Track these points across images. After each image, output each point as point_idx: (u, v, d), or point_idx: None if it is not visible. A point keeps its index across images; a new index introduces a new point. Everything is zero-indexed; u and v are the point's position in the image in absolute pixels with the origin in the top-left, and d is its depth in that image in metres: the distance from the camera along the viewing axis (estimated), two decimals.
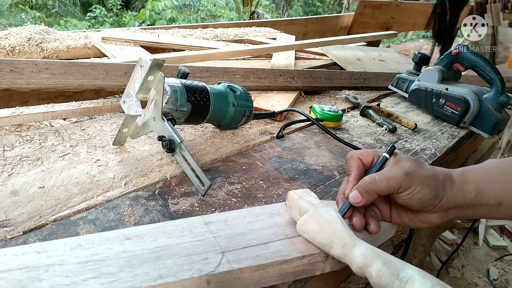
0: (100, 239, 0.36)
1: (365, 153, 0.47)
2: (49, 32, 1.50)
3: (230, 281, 0.35)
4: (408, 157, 0.44)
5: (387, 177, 0.42)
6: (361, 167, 0.46)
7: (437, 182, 0.42)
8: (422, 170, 0.43)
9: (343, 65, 1.52)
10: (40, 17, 7.23)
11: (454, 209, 0.43)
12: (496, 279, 1.47)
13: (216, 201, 0.53)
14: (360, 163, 0.46)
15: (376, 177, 0.42)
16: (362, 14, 3.77)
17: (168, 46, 1.56)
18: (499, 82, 0.92)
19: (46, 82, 0.78)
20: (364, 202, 0.43)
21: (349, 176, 0.46)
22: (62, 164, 0.58)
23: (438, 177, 0.43)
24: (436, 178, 0.42)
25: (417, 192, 0.41)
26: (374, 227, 0.43)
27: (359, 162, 0.46)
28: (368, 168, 0.46)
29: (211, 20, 8.67)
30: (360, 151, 0.47)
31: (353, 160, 0.46)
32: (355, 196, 0.43)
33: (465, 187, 0.43)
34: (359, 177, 0.45)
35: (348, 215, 0.44)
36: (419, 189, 0.41)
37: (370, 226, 0.43)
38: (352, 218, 0.44)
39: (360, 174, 0.46)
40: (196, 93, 0.63)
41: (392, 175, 0.42)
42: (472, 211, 0.43)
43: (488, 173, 0.43)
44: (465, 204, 0.43)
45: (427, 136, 0.89)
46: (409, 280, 0.32)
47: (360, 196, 0.42)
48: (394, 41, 9.08)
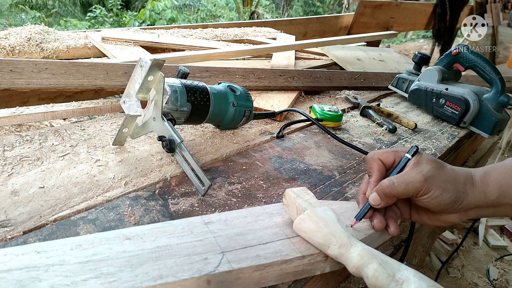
0: (100, 239, 0.36)
1: (385, 154, 0.46)
2: (49, 32, 1.50)
3: (230, 281, 0.35)
4: (429, 159, 0.43)
5: (406, 181, 0.42)
6: (382, 168, 0.46)
7: (457, 185, 0.42)
8: (442, 174, 0.42)
9: (343, 65, 1.52)
10: (40, 17, 7.23)
11: (474, 210, 0.43)
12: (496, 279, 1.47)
13: (216, 201, 0.53)
14: (381, 164, 0.46)
15: (394, 181, 0.42)
16: (362, 14, 3.77)
17: (168, 46, 1.56)
18: (499, 82, 0.92)
19: (46, 82, 0.78)
20: (384, 204, 0.43)
21: (370, 178, 0.46)
22: (62, 164, 0.58)
23: (458, 181, 0.42)
24: (456, 182, 0.42)
25: (436, 197, 0.41)
26: (394, 230, 0.43)
27: (380, 163, 0.46)
28: (389, 168, 0.46)
29: (211, 20, 8.67)
30: (380, 152, 0.47)
31: (374, 162, 0.46)
32: (375, 199, 0.43)
33: (487, 188, 0.42)
34: (380, 178, 0.45)
35: (368, 215, 0.44)
36: (438, 193, 0.41)
37: (390, 229, 0.44)
38: (373, 219, 0.44)
39: (381, 175, 0.46)
40: (196, 93, 0.63)
41: (411, 180, 0.42)
42: (493, 210, 0.43)
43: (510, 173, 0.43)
44: (487, 204, 0.43)
45: (427, 136, 0.89)
46: (404, 282, 0.32)
47: (379, 199, 0.43)
48: (394, 41, 9.08)
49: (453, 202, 0.42)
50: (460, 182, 0.42)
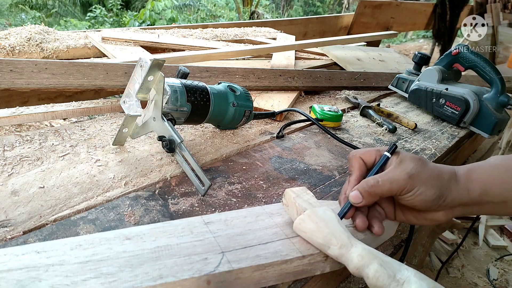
0: (100, 239, 0.36)
1: (367, 153, 0.46)
2: (49, 32, 1.50)
3: (230, 281, 0.35)
4: (411, 157, 0.43)
5: (390, 180, 0.41)
6: (362, 167, 0.46)
7: (442, 181, 0.42)
8: (426, 171, 0.42)
9: (343, 65, 1.52)
10: (40, 17, 7.23)
11: (459, 207, 0.43)
12: (496, 279, 1.47)
13: (216, 201, 0.53)
14: (362, 162, 0.46)
15: (378, 179, 0.42)
16: (362, 14, 3.78)
17: (168, 46, 1.56)
18: (499, 82, 0.92)
19: (46, 82, 0.78)
20: (365, 203, 0.42)
21: (350, 176, 0.46)
22: (62, 164, 0.58)
23: (442, 177, 0.42)
24: (440, 178, 0.42)
25: (420, 193, 0.41)
26: (378, 229, 0.43)
27: (361, 162, 0.46)
28: (371, 167, 0.46)
29: (211, 20, 8.67)
30: (362, 150, 0.47)
31: (355, 160, 0.46)
32: (355, 197, 0.42)
33: (470, 185, 0.42)
34: (361, 177, 0.45)
35: (349, 215, 0.43)
36: (423, 190, 0.41)
37: (374, 228, 0.43)
38: (355, 219, 0.43)
39: (362, 174, 0.45)
40: (196, 93, 0.63)
41: (395, 178, 0.41)
42: (477, 208, 0.43)
43: (493, 171, 0.43)
44: (471, 202, 0.42)
45: (427, 136, 0.89)
46: (405, 282, 0.32)
47: (360, 196, 0.42)
48: (394, 41, 9.07)
49: (437, 198, 0.41)
50: (444, 178, 0.42)
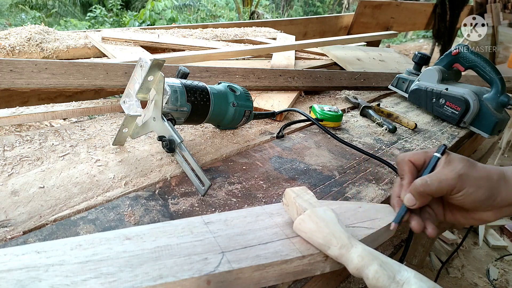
0: (100, 239, 0.36)
1: (416, 155, 0.47)
2: (49, 32, 1.50)
3: (230, 281, 0.35)
4: (460, 158, 0.44)
5: (439, 179, 0.42)
6: (413, 170, 0.46)
7: (491, 182, 0.42)
8: (475, 171, 0.42)
9: (343, 65, 1.52)
10: (40, 17, 7.23)
11: (509, 207, 0.43)
12: (496, 279, 1.47)
13: (216, 201, 0.53)
14: (412, 165, 0.46)
15: (427, 180, 0.42)
16: (362, 14, 3.77)
17: (168, 46, 1.56)
18: (499, 82, 0.92)
19: (46, 82, 0.78)
20: (419, 204, 0.43)
21: (402, 180, 0.46)
22: (62, 164, 0.58)
23: (491, 178, 0.43)
24: (489, 179, 0.42)
25: (470, 194, 0.41)
26: (431, 230, 0.44)
27: (411, 165, 0.46)
28: (420, 169, 0.47)
29: (211, 20, 8.66)
30: (410, 153, 0.47)
31: (405, 164, 0.47)
32: (410, 199, 0.43)
33: None
34: (413, 180, 0.45)
35: (406, 218, 0.44)
36: (473, 190, 0.41)
37: (428, 230, 0.44)
38: (411, 221, 0.44)
39: (413, 177, 0.46)
40: (196, 93, 0.63)
41: (444, 177, 0.42)
42: None
43: None
44: None
45: (427, 136, 0.89)
46: (405, 283, 0.32)
47: (414, 199, 0.43)
48: (394, 41, 9.07)
49: (487, 199, 0.42)
50: (493, 179, 0.42)
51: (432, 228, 0.44)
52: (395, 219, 0.44)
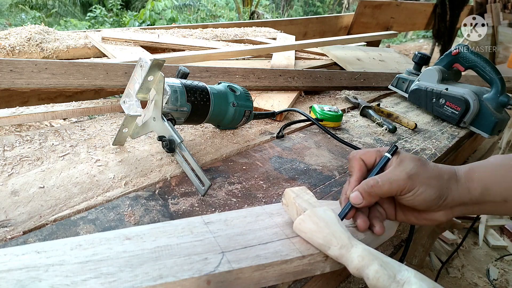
0: (100, 239, 0.36)
1: (367, 153, 0.46)
2: (49, 32, 1.50)
3: (230, 281, 0.34)
4: (411, 157, 0.44)
5: (390, 180, 0.41)
6: (363, 168, 0.46)
7: (441, 181, 0.42)
8: (426, 171, 0.42)
9: (343, 65, 1.52)
10: (40, 17, 7.23)
11: (460, 207, 0.43)
12: (496, 279, 1.47)
13: (216, 201, 0.53)
14: (362, 163, 0.46)
15: (378, 180, 0.42)
16: (362, 14, 3.78)
17: (168, 46, 1.56)
18: (499, 82, 0.92)
19: (46, 82, 0.78)
20: (366, 203, 0.42)
21: (350, 177, 0.46)
22: (62, 164, 0.58)
23: (442, 177, 0.42)
24: (440, 178, 0.42)
25: (420, 193, 0.41)
26: (379, 229, 0.43)
27: (361, 162, 0.46)
28: (371, 168, 0.46)
29: (211, 20, 8.66)
30: (362, 151, 0.47)
31: (355, 161, 0.46)
32: (356, 197, 0.42)
33: (470, 184, 0.42)
34: (361, 178, 0.45)
35: (350, 215, 0.43)
36: (422, 190, 0.41)
37: (375, 228, 0.43)
38: (356, 219, 0.43)
39: (362, 175, 0.45)
40: (196, 93, 0.63)
41: (395, 178, 0.41)
42: (478, 208, 0.43)
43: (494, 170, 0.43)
44: (471, 201, 0.42)
45: (427, 136, 0.89)
46: (405, 283, 0.32)
47: (361, 197, 0.42)
48: (394, 41, 9.07)
49: (437, 198, 0.41)
50: (444, 178, 0.42)
51: (379, 226, 0.43)
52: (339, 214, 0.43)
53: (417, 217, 0.45)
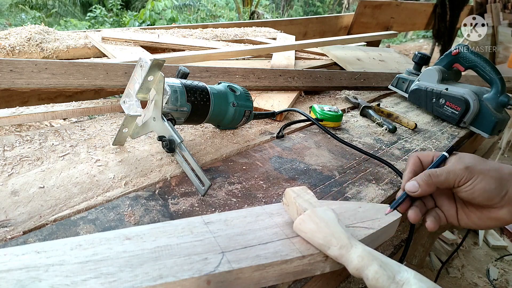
0: (100, 239, 0.36)
1: (425, 153, 0.48)
2: (49, 32, 1.50)
3: (230, 281, 0.35)
4: (471, 154, 0.45)
5: (447, 170, 0.42)
6: (418, 164, 0.47)
7: (502, 174, 0.42)
8: (484, 163, 0.43)
9: (343, 65, 1.52)
10: (40, 17, 7.23)
11: None
12: (496, 279, 1.47)
13: (216, 201, 0.53)
14: (418, 161, 0.47)
15: (436, 170, 0.43)
16: (362, 14, 3.77)
17: (168, 46, 1.56)
18: (499, 82, 0.92)
19: (46, 82, 0.78)
20: (421, 192, 0.43)
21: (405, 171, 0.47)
22: (62, 164, 0.58)
23: (502, 170, 0.42)
24: (500, 171, 0.42)
25: (478, 182, 0.41)
26: (430, 223, 0.44)
27: (417, 160, 0.48)
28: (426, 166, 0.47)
29: (211, 20, 8.66)
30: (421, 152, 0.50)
31: (412, 158, 0.48)
32: (411, 186, 0.43)
33: None
34: (415, 172, 0.46)
35: (404, 208, 0.44)
36: (481, 179, 0.41)
37: (427, 223, 0.44)
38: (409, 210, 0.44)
39: (416, 169, 0.47)
40: (196, 93, 0.63)
41: (452, 169, 0.42)
42: None
43: None
44: None
45: (427, 136, 0.89)
46: (405, 284, 0.32)
47: (417, 185, 0.43)
48: (394, 41, 9.07)
49: (497, 188, 0.41)
50: (504, 172, 0.42)
51: (431, 221, 0.44)
52: (392, 204, 0.44)
53: (481, 217, 0.44)
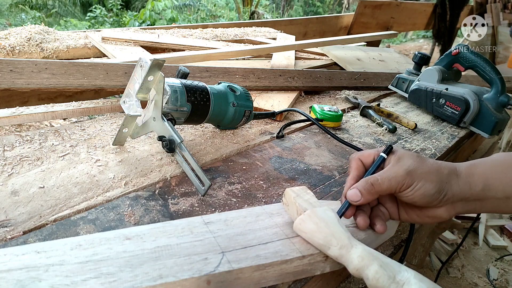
0: (100, 239, 0.36)
1: (366, 154, 0.47)
2: (49, 32, 1.50)
3: (230, 281, 0.34)
4: (409, 154, 0.44)
5: (389, 177, 0.42)
6: (360, 167, 0.46)
7: (441, 176, 0.42)
8: (424, 166, 0.42)
9: (343, 65, 1.52)
10: (40, 17, 7.23)
11: (461, 202, 0.43)
12: (496, 279, 1.47)
13: (216, 201, 0.53)
14: (360, 163, 0.46)
15: (378, 178, 0.42)
16: (362, 14, 3.77)
17: (168, 46, 1.56)
18: (499, 82, 0.92)
19: (46, 82, 0.78)
20: (363, 201, 0.42)
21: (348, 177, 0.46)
22: (62, 164, 0.58)
23: (441, 172, 0.42)
24: (439, 173, 0.42)
25: (419, 188, 0.41)
26: (380, 227, 0.43)
27: (359, 162, 0.46)
28: (368, 168, 0.46)
29: (211, 20, 8.67)
30: (361, 152, 0.48)
31: (354, 161, 0.47)
32: (353, 195, 0.43)
33: (472, 179, 0.42)
34: (358, 177, 0.45)
35: (349, 214, 0.44)
36: (421, 184, 0.41)
37: (376, 226, 0.43)
38: (356, 217, 0.44)
39: (359, 174, 0.46)
40: (196, 93, 0.63)
41: (393, 175, 0.42)
42: (480, 204, 0.43)
43: (496, 166, 0.43)
44: (472, 197, 0.42)
45: (427, 136, 0.89)
46: (405, 284, 0.32)
47: (359, 194, 0.42)
48: (394, 41, 9.07)
49: (437, 193, 0.41)
50: (443, 173, 0.42)
51: (380, 224, 0.43)
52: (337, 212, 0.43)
53: (419, 215, 0.45)
